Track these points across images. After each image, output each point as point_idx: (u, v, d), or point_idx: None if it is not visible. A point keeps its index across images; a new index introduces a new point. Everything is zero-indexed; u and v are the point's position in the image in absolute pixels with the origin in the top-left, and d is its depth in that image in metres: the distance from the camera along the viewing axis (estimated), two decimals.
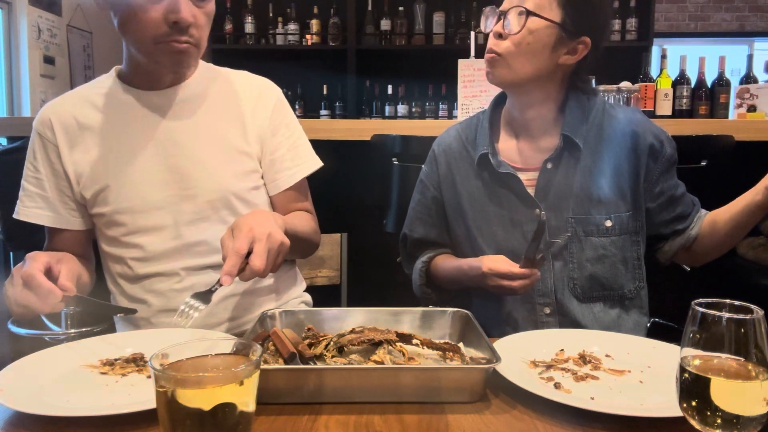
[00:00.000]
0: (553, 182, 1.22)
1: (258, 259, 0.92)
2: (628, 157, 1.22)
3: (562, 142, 1.21)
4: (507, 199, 1.25)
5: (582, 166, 1.21)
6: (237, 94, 1.23)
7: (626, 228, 1.22)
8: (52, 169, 1.17)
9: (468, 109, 2.45)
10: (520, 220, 1.24)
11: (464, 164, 1.31)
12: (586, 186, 1.21)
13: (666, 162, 1.23)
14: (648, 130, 1.23)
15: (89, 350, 0.93)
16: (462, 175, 1.31)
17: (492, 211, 1.26)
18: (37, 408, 0.73)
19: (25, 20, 3.95)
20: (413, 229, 1.39)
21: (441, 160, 1.35)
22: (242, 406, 0.61)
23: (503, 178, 1.24)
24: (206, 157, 1.17)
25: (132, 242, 1.17)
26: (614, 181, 1.21)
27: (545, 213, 1.21)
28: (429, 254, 1.36)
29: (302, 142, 1.30)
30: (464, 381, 0.80)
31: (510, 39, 1.16)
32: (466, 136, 1.33)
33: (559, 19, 1.15)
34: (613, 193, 1.21)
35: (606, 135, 1.23)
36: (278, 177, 1.25)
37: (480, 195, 1.27)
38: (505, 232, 1.25)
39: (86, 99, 1.18)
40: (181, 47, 1.07)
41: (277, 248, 0.96)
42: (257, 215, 1.01)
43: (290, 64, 4.41)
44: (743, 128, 2.05)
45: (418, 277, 1.36)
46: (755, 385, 0.57)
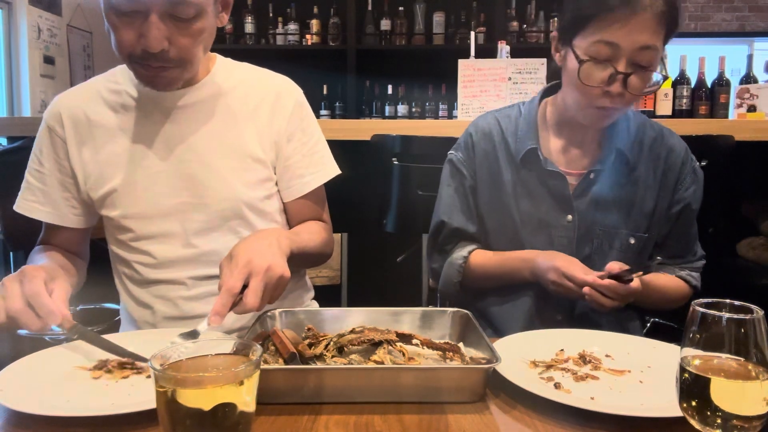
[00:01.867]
0: (591, 191, 1.21)
1: (252, 297, 0.88)
2: (659, 180, 1.22)
3: (614, 155, 1.19)
4: (542, 199, 1.22)
5: (621, 180, 1.21)
6: (255, 97, 1.18)
7: (641, 248, 1.23)
8: (57, 164, 1.15)
9: (468, 108, 2.45)
10: (549, 222, 1.22)
11: (503, 155, 1.26)
12: (620, 200, 1.21)
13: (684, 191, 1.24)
14: (681, 157, 1.24)
15: (89, 351, 0.93)
16: (501, 165, 1.26)
17: (523, 209, 1.23)
18: (37, 408, 0.73)
19: (25, 20, 3.95)
20: (452, 217, 1.30)
21: (479, 147, 1.28)
22: (242, 406, 0.61)
23: (546, 176, 1.22)
24: (219, 164, 1.13)
25: (141, 248, 1.15)
26: (642, 200, 1.22)
27: (576, 219, 1.21)
28: (468, 248, 1.29)
29: (319, 148, 1.24)
30: (464, 381, 0.80)
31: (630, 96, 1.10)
32: (506, 126, 1.28)
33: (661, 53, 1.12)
34: (639, 212, 1.21)
35: (645, 153, 1.22)
36: (292, 185, 1.21)
37: (515, 189, 1.24)
38: (531, 233, 1.23)
39: (99, 94, 1.15)
40: (153, 72, 1.02)
41: (276, 282, 0.91)
42: (260, 241, 0.96)
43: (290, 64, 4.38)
44: (743, 128, 2.05)
45: (455, 274, 1.28)
46: (755, 385, 0.57)
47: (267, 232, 1.04)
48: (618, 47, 1.06)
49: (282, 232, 1.07)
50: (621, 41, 1.06)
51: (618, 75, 1.07)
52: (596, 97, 1.11)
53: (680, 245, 1.28)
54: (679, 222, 1.26)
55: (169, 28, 0.97)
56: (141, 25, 0.96)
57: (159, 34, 0.96)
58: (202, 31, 1.02)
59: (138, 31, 0.97)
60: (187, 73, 1.06)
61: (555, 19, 4.23)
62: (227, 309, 0.87)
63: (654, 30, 1.06)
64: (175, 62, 1.01)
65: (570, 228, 1.22)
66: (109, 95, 1.15)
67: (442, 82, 4.28)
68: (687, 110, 3.17)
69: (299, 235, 1.14)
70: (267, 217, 1.20)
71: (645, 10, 1.04)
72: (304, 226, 1.23)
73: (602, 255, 1.21)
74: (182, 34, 0.99)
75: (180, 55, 1.01)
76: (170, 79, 1.04)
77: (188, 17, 0.98)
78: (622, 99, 1.10)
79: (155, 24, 0.95)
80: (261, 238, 0.99)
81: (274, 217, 1.21)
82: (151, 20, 0.95)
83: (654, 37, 1.06)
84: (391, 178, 1.94)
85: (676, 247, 1.28)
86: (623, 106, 1.13)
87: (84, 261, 1.24)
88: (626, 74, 1.07)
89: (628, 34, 1.05)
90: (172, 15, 0.97)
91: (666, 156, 1.23)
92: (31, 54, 3.98)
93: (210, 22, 1.04)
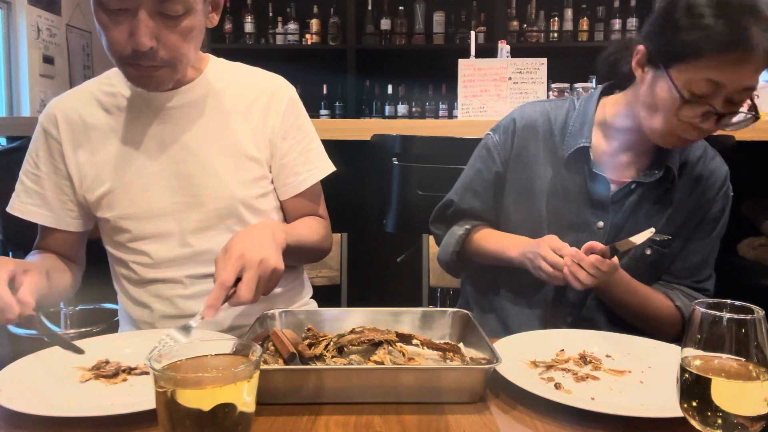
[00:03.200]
0: (628, 201, 1.19)
1: (246, 289, 0.89)
2: (695, 201, 1.19)
3: (662, 171, 1.16)
4: (578, 200, 1.20)
5: (660, 195, 1.18)
6: (248, 95, 1.18)
7: (657, 263, 1.20)
8: (53, 167, 1.15)
9: (468, 108, 2.45)
10: (578, 226, 1.20)
11: (545, 146, 1.23)
12: (654, 215, 1.18)
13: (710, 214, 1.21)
14: (720, 181, 1.20)
15: (89, 350, 0.92)
16: (540, 157, 1.23)
17: (554, 206, 1.21)
18: (37, 408, 0.73)
19: (24, 20, 3.95)
20: (464, 199, 1.29)
21: (520, 135, 1.25)
22: (242, 407, 0.61)
23: (590, 178, 1.19)
24: (214, 163, 1.14)
25: (138, 248, 1.15)
26: (673, 217, 1.19)
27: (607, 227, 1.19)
28: (474, 223, 1.28)
29: (314, 145, 1.25)
30: (464, 381, 0.79)
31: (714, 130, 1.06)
32: (555, 118, 1.24)
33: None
34: (666, 228, 1.18)
35: (686, 172, 1.19)
36: (288, 182, 1.21)
37: (552, 184, 1.21)
38: (558, 233, 1.18)
39: (94, 97, 1.15)
40: (143, 72, 1.02)
41: (269, 275, 0.93)
42: (254, 234, 0.98)
43: (290, 63, 4.39)
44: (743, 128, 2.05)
45: (453, 243, 1.27)
46: (756, 385, 0.57)
47: (262, 225, 1.05)
48: (722, 86, 0.99)
49: (278, 225, 1.07)
50: (727, 81, 0.99)
51: (714, 113, 1.02)
52: (683, 128, 1.06)
53: (685, 265, 1.22)
54: (693, 240, 1.21)
55: (157, 25, 0.98)
56: (130, 23, 0.96)
57: (148, 31, 0.96)
58: (191, 29, 1.02)
59: (127, 29, 0.97)
60: (176, 74, 1.06)
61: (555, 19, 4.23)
62: (220, 302, 0.88)
63: (759, 71, 1.00)
64: (164, 61, 1.01)
65: (599, 234, 1.19)
66: (104, 97, 1.15)
67: (442, 82, 4.28)
68: None
69: (296, 229, 1.15)
70: (262, 215, 1.20)
71: (756, 51, 0.97)
72: (301, 221, 1.23)
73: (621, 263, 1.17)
74: (171, 31, 0.99)
75: (169, 54, 1.01)
76: (160, 79, 1.04)
77: (177, 14, 0.98)
78: (708, 132, 1.07)
79: (144, 21, 0.96)
80: (255, 231, 1.00)
81: (269, 215, 1.22)
82: (140, 17, 0.95)
83: (757, 78, 1.00)
84: (391, 178, 1.93)
85: (678, 265, 1.22)
86: (702, 136, 1.09)
87: (80, 266, 1.24)
88: (723, 113, 1.02)
89: (734, 75, 0.98)
90: (161, 12, 0.97)
91: (707, 178, 1.20)
92: (30, 54, 3.98)
93: (199, 20, 1.03)
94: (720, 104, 1.01)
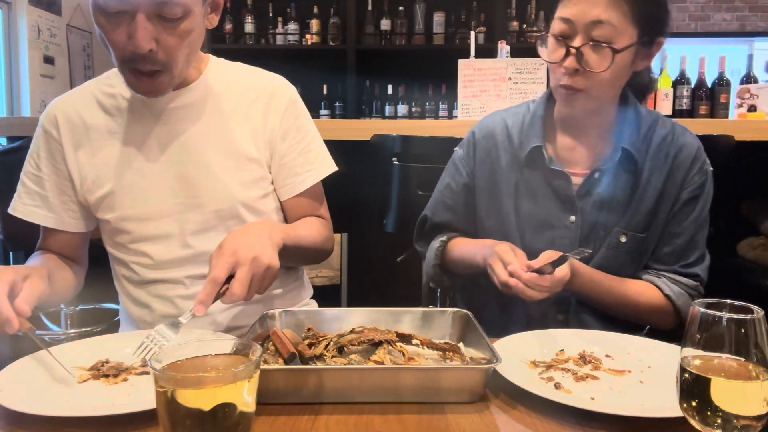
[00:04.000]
0: (595, 191, 1.19)
1: (239, 286, 0.89)
2: (665, 180, 1.18)
3: (620, 154, 1.16)
4: (544, 199, 1.21)
5: (626, 180, 1.18)
6: (248, 96, 1.18)
7: (635, 248, 1.19)
8: (54, 168, 1.15)
9: (468, 108, 2.45)
10: (551, 223, 1.21)
11: (505, 154, 1.25)
12: (624, 200, 1.18)
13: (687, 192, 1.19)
14: (692, 156, 1.19)
15: (89, 350, 0.93)
16: (502, 164, 1.25)
17: (525, 208, 1.22)
18: (37, 408, 0.73)
19: (24, 20, 3.95)
20: (436, 213, 1.33)
21: (481, 146, 1.28)
22: (242, 406, 0.61)
23: (550, 175, 1.20)
24: (214, 164, 1.13)
25: (139, 250, 1.15)
26: (645, 200, 1.18)
27: (579, 220, 1.19)
28: (449, 235, 1.31)
29: (315, 146, 1.24)
30: (464, 381, 0.80)
31: (591, 74, 1.10)
32: (512, 124, 1.27)
33: (636, 36, 1.09)
34: (640, 212, 1.18)
35: (652, 152, 1.19)
36: (288, 183, 1.21)
37: (517, 189, 1.23)
38: (533, 233, 1.21)
39: (94, 98, 1.15)
40: (144, 78, 1.01)
41: (263, 272, 0.92)
42: (249, 232, 0.97)
43: (290, 64, 4.40)
44: (743, 128, 2.05)
45: (432, 257, 1.30)
46: (755, 385, 0.57)
47: (260, 223, 1.05)
48: (572, 23, 1.09)
49: (276, 225, 1.08)
50: (574, 17, 1.08)
51: (571, 50, 1.09)
52: (559, 76, 1.13)
53: (669, 249, 1.20)
54: (673, 222, 1.20)
55: (156, 28, 0.97)
56: (128, 26, 0.96)
57: (146, 34, 0.96)
58: (190, 31, 1.02)
59: (126, 32, 0.97)
60: (174, 79, 1.06)
61: None
62: (212, 298, 0.88)
63: (606, 5, 1.06)
64: (163, 64, 1.01)
65: (573, 229, 1.20)
66: (104, 98, 1.15)
67: (442, 82, 4.29)
68: (687, 110, 3.17)
69: (295, 230, 1.15)
70: (263, 216, 1.20)
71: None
72: (303, 221, 1.23)
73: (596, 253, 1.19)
74: (169, 34, 0.99)
75: (167, 57, 1.01)
76: (159, 86, 1.04)
77: (175, 17, 0.98)
78: (582, 76, 1.10)
79: (142, 24, 0.95)
80: (251, 229, 1.00)
81: (269, 216, 1.22)
82: (138, 20, 0.95)
83: (607, 12, 1.06)
84: (391, 178, 1.94)
85: (663, 250, 1.21)
86: (585, 86, 1.11)
87: (82, 267, 1.24)
88: (578, 48, 1.08)
89: (579, 9, 1.08)
90: (159, 15, 0.97)
91: (675, 154, 1.19)
92: (30, 54, 3.99)
93: (198, 22, 1.03)
94: (579, 42, 1.09)
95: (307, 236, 1.17)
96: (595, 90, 1.12)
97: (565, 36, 1.10)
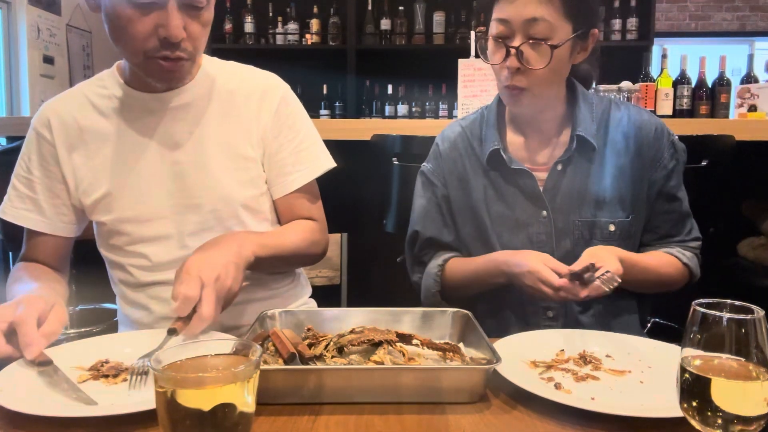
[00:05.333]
0: (562, 183, 1.21)
1: (206, 306, 0.88)
2: (631, 160, 1.20)
3: (575, 143, 1.19)
4: (514, 199, 1.23)
5: (591, 167, 1.20)
6: (241, 94, 1.18)
7: (626, 233, 1.21)
8: (46, 170, 1.14)
9: (468, 108, 2.45)
10: (525, 221, 1.22)
11: (470, 161, 1.27)
12: (593, 188, 1.20)
13: (663, 168, 1.22)
14: (653, 133, 1.21)
15: (89, 350, 0.92)
16: (468, 171, 1.27)
17: (497, 211, 1.23)
18: (37, 408, 0.73)
19: (24, 20, 3.95)
20: (426, 227, 1.30)
21: (446, 156, 1.30)
22: (242, 407, 0.61)
23: (513, 175, 1.22)
24: (211, 164, 1.13)
25: (136, 251, 1.15)
26: (616, 184, 1.20)
27: (551, 214, 1.20)
28: (444, 257, 1.28)
29: (307, 144, 1.22)
30: (464, 381, 0.80)
31: (531, 72, 1.12)
32: (471, 132, 1.29)
33: (572, 30, 1.11)
34: (615, 197, 1.20)
35: (611, 135, 1.21)
36: (279, 181, 1.19)
37: (486, 193, 1.25)
38: (509, 234, 1.23)
39: (87, 99, 1.15)
40: (170, 66, 1.02)
41: (224, 295, 0.93)
42: (216, 249, 0.98)
43: (290, 63, 4.39)
44: (744, 128, 2.05)
45: (433, 284, 1.27)
46: (756, 385, 0.57)
47: (231, 237, 1.05)
48: (509, 23, 1.10)
49: (248, 237, 1.07)
50: (510, 17, 1.10)
51: (511, 50, 1.10)
52: (502, 77, 1.15)
53: (668, 224, 1.25)
54: (661, 198, 1.24)
55: (183, 17, 1.00)
56: (158, 15, 0.98)
57: (179, 22, 0.99)
58: (210, 20, 1.06)
59: (154, 22, 0.98)
60: (193, 67, 1.09)
61: None
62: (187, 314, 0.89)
63: (539, 2, 1.08)
64: (188, 53, 1.03)
65: (546, 224, 1.21)
66: (98, 100, 1.15)
67: (442, 82, 4.28)
68: (688, 110, 3.17)
69: (276, 238, 1.14)
70: (260, 215, 1.19)
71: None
72: (289, 226, 1.22)
73: (585, 246, 1.18)
74: (195, 22, 1.02)
75: (192, 45, 1.04)
76: (183, 72, 1.07)
77: (201, 6, 1.01)
78: (523, 75, 1.12)
79: (174, 12, 0.98)
80: (219, 244, 1.00)
81: (267, 215, 1.21)
82: (170, 8, 0.98)
83: (541, 9, 1.08)
84: (391, 178, 1.94)
85: (664, 227, 1.25)
86: (528, 84, 1.13)
87: (65, 276, 1.23)
88: (517, 48, 1.10)
89: (514, 9, 1.09)
90: (186, 3, 0.99)
91: (635, 133, 1.21)
92: (30, 54, 3.98)
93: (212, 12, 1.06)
94: (517, 42, 1.10)
95: (288, 243, 1.16)
96: (537, 87, 1.14)
97: (504, 37, 1.12)
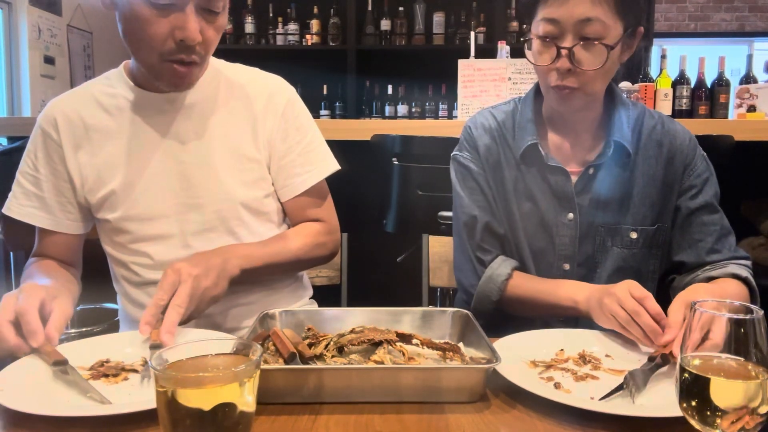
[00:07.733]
0: (592, 187, 1.18)
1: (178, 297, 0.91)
2: (664, 168, 1.18)
3: (612, 148, 1.16)
4: (543, 196, 1.20)
5: (622, 173, 1.18)
6: (247, 96, 1.18)
7: (649, 242, 1.19)
8: (52, 169, 1.15)
9: (468, 109, 2.45)
10: (549, 222, 1.19)
11: (502, 149, 1.23)
12: (622, 194, 1.18)
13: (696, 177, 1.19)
14: (687, 142, 1.20)
15: (89, 350, 0.92)
16: (502, 161, 1.23)
17: (524, 207, 1.21)
18: (37, 408, 0.73)
19: (25, 20, 3.95)
20: (482, 213, 1.22)
21: (481, 141, 1.24)
22: (242, 406, 0.61)
23: (546, 172, 1.19)
24: (215, 164, 1.13)
25: (139, 250, 1.15)
26: (646, 191, 1.18)
27: (577, 217, 1.18)
28: (511, 266, 1.19)
29: (315, 146, 1.23)
30: (464, 381, 0.80)
31: (583, 72, 1.08)
32: (503, 122, 1.25)
33: (622, 29, 1.09)
34: (643, 204, 1.18)
35: (644, 142, 1.19)
36: (288, 183, 1.20)
37: (517, 186, 1.21)
38: (532, 232, 1.20)
39: (94, 98, 1.15)
40: (184, 71, 1.03)
41: (200, 294, 0.95)
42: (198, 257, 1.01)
43: (290, 64, 4.40)
44: (743, 128, 2.05)
45: (495, 290, 1.18)
46: (755, 385, 0.57)
47: (218, 252, 1.06)
48: (559, 23, 1.07)
49: (236, 251, 1.08)
50: (560, 17, 1.07)
51: (562, 51, 1.08)
52: (550, 78, 1.12)
53: (712, 237, 1.18)
54: (703, 210, 1.18)
55: (199, 21, 1.01)
56: (175, 18, 0.99)
57: (197, 25, 1.00)
58: (224, 26, 1.06)
59: (171, 24, 0.99)
60: (203, 72, 1.10)
61: None
62: (156, 319, 0.91)
63: (592, 1, 1.05)
64: (201, 57, 1.04)
65: (571, 227, 1.19)
66: (105, 98, 1.15)
67: (442, 82, 4.29)
68: (687, 110, 3.17)
69: (272, 246, 1.15)
70: (263, 217, 1.20)
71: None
72: (291, 231, 1.22)
73: (604, 252, 1.18)
74: (210, 27, 1.03)
75: (205, 49, 1.05)
76: (193, 77, 1.08)
77: (218, 11, 1.02)
78: (575, 76, 1.09)
79: (192, 15, 0.99)
80: (203, 256, 1.02)
81: (270, 217, 1.21)
82: (188, 11, 0.98)
83: (594, 9, 1.05)
84: (391, 178, 1.94)
85: (708, 241, 1.18)
86: (579, 84, 1.10)
87: (78, 271, 1.24)
88: (569, 48, 1.07)
89: (565, 9, 1.06)
90: (204, 8, 1.00)
91: (669, 142, 1.19)
92: (31, 54, 3.98)
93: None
94: (568, 42, 1.08)
95: (285, 251, 1.16)
96: (589, 87, 1.12)
97: (553, 37, 1.09)
